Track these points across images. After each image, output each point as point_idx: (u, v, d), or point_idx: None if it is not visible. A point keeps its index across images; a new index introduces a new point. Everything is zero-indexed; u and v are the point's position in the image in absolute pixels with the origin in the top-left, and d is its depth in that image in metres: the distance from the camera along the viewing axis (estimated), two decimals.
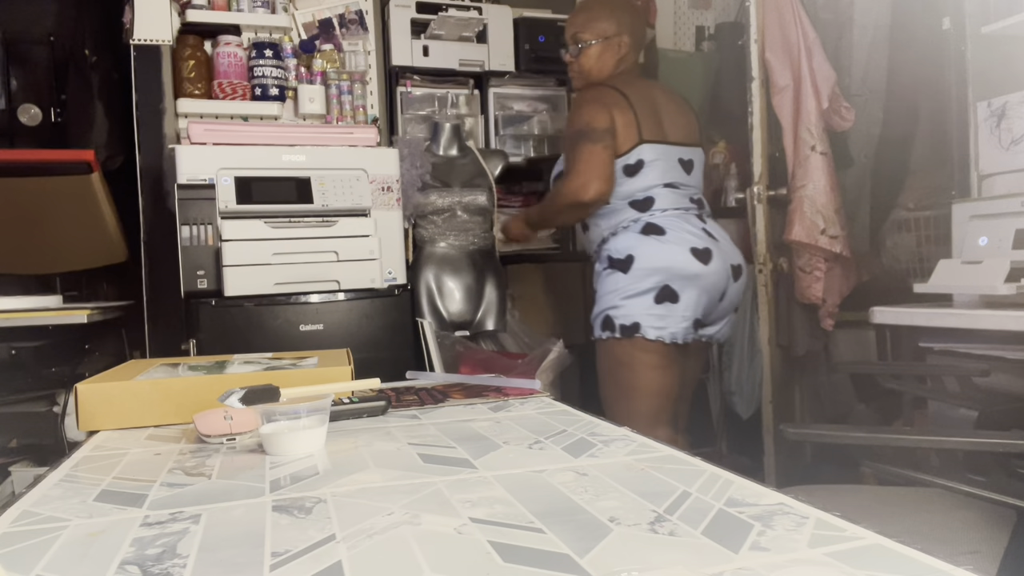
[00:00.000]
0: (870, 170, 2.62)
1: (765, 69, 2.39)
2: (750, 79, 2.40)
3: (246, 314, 2.00)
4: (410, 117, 2.85)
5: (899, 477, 1.22)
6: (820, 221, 2.30)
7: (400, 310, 2.16)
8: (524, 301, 2.93)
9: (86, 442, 0.89)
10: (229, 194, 2.02)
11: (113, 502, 0.62)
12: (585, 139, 1.85)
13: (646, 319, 1.81)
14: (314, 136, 2.19)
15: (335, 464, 0.71)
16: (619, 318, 1.83)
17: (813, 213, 2.30)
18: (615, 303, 1.84)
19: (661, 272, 1.81)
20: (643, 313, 1.81)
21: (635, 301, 1.82)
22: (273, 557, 0.48)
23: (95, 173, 2.19)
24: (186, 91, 2.41)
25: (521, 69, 3.05)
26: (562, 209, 1.94)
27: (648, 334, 1.81)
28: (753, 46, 2.40)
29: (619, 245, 1.88)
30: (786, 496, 0.56)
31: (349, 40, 2.64)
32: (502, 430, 0.83)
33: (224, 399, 0.85)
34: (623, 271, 1.84)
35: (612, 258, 1.88)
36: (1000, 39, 1.93)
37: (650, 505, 0.55)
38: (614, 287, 1.85)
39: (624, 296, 1.83)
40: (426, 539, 0.50)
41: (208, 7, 2.43)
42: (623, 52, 2.02)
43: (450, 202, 2.51)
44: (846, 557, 0.45)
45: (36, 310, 1.87)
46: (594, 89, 1.96)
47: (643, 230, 1.86)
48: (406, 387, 1.18)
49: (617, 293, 1.84)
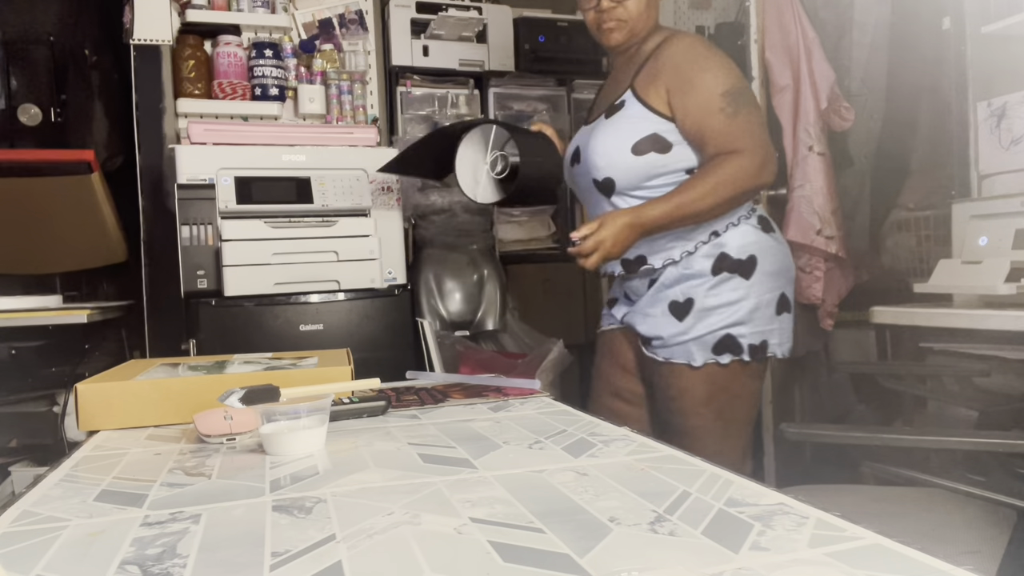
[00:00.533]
0: (870, 170, 2.62)
1: (765, 69, 2.39)
2: (750, 79, 2.40)
3: (246, 314, 2.00)
4: (410, 117, 2.85)
5: (899, 477, 1.22)
6: (816, 222, 2.30)
7: (400, 310, 2.16)
8: (524, 301, 2.93)
9: (86, 442, 0.89)
10: (229, 194, 2.02)
11: (113, 502, 0.62)
12: (746, 103, 1.44)
13: (772, 335, 1.49)
14: (314, 136, 2.19)
15: (335, 464, 0.71)
16: (747, 337, 1.46)
17: (810, 213, 2.30)
18: (741, 318, 1.46)
19: (780, 276, 1.52)
20: (770, 328, 1.49)
21: (761, 314, 1.49)
22: (273, 557, 0.48)
23: (95, 173, 2.19)
24: (186, 91, 2.41)
25: (521, 69, 3.05)
26: (735, 197, 1.43)
27: (776, 352, 1.50)
28: (753, 46, 2.40)
29: (740, 242, 1.48)
30: (786, 496, 0.56)
31: (349, 40, 2.64)
32: (502, 430, 0.83)
33: (224, 399, 0.85)
34: (745, 276, 1.47)
35: (732, 259, 1.47)
36: (1000, 39, 1.93)
37: (650, 505, 0.55)
38: (737, 297, 1.47)
39: (751, 309, 1.47)
40: (426, 539, 0.50)
41: (208, 7, 2.43)
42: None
43: (450, 202, 2.51)
44: (846, 557, 0.45)
45: (36, 310, 1.87)
46: (687, 37, 1.52)
47: (759, 224, 1.51)
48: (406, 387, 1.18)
49: (742, 305, 1.46)
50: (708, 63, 1.46)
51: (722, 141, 1.42)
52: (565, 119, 3.12)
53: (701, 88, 1.43)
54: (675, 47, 1.48)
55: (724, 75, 1.45)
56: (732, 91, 1.44)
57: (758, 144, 1.42)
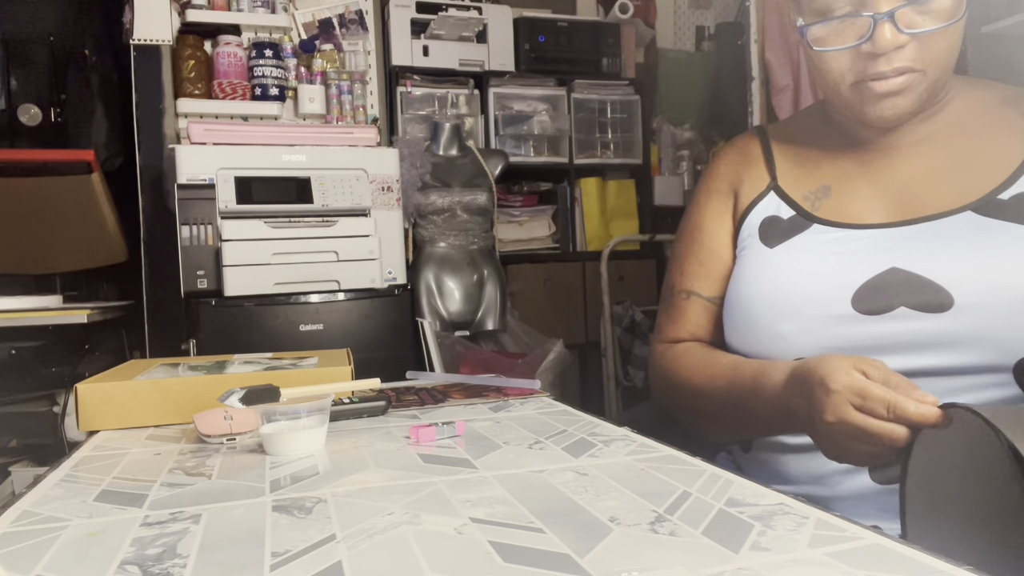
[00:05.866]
0: None
1: (765, 69, 2.39)
2: (750, 79, 2.40)
3: (246, 314, 2.00)
4: (410, 117, 2.85)
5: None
6: None
7: (400, 310, 2.16)
8: (524, 301, 2.93)
9: (86, 442, 0.89)
10: (229, 194, 2.02)
11: (113, 502, 0.62)
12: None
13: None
14: (314, 136, 2.19)
15: (335, 464, 0.71)
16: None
17: None
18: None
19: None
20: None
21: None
22: (273, 557, 0.48)
23: (95, 173, 2.19)
24: (186, 91, 2.41)
25: (521, 69, 3.05)
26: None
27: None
28: (753, 46, 2.40)
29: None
30: (786, 496, 0.56)
31: (349, 40, 2.64)
32: (502, 430, 0.83)
33: (224, 399, 0.85)
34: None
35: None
36: (1000, 39, 1.93)
37: (650, 505, 0.55)
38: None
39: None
40: (426, 539, 0.50)
41: (208, 7, 2.43)
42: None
43: (450, 202, 2.51)
44: (846, 557, 0.45)
45: (36, 310, 1.87)
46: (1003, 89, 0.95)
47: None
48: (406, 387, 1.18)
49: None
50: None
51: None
52: (565, 119, 3.12)
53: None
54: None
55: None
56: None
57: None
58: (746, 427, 0.89)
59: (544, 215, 3.18)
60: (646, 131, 3.30)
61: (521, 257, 3.04)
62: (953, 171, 0.86)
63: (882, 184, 0.89)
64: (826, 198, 0.91)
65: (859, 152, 0.92)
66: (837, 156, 0.94)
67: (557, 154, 3.11)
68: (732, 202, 1.00)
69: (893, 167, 0.89)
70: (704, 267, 1.00)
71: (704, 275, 1.00)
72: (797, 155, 0.98)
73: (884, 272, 0.81)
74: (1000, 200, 0.80)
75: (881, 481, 0.79)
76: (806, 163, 0.96)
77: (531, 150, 3.08)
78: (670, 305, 1.03)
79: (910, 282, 0.79)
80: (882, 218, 0.86)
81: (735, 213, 0.99)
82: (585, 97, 3.17)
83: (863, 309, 0.80)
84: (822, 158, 0.95)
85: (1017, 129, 0.86)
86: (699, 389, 0.93)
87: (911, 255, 0.80)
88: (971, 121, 0.89)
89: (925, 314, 0.77)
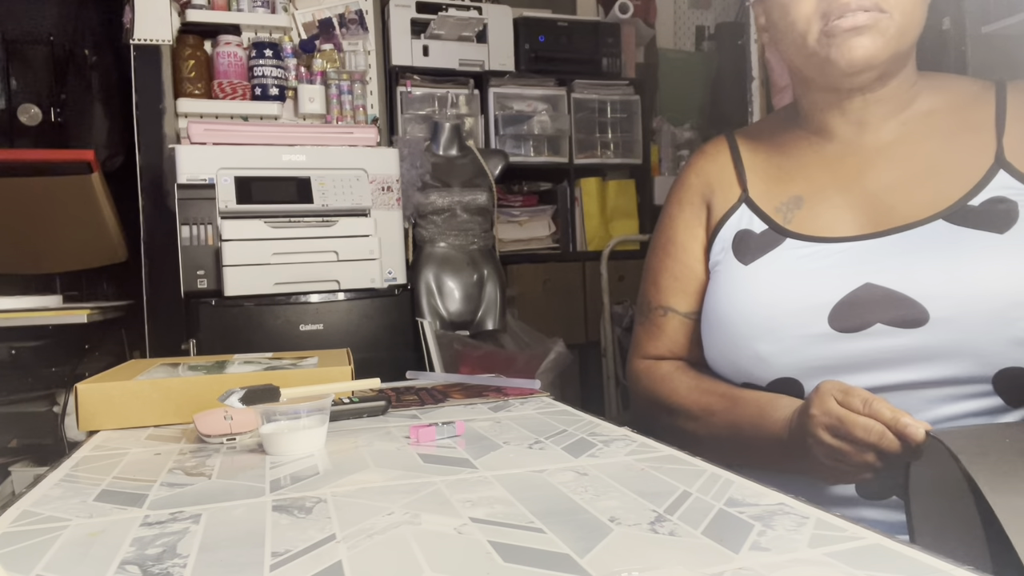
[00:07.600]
0: None
1: (765, 69, 2.39)
2: (750, 79, 2.40)
3: (246, 314, 2.00)
4: (410, 117, 2.85)
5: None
6: None
7: (400, 310, 2.16)
8: (524, 301, 2.93)
9: (86, 442, 0.89)
10: (229, 194, 2.02)
11: (113, 502, 0.62)
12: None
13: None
14: (314, 136, 2.19)
15: (335, 464, 0.71)
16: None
17: None
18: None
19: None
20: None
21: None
22: (273, 557, 0.48)
23: (95, 173, 2.19)
24: (186, 91, 2.41)
25: (521, 69, 3.05)
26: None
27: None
28: (753, 46, 2.40)
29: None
30: (786, 496, 0.56)
31: (349, 40, 2.64)
32: (502, 430, 0.83)
33: (224, 399, 0.85)
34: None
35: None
36: (1000, 39, 1.93)
37: (650, 505, 0.55)
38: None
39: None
40: (426, 539, 0.50)
41: (208, 7, 2.43)
42: None
43: (450, 202, 2.51)
44: (846, 557, 0.45)
45: (36, 310, 1.87)
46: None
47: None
48: (406, 387, 1.18)
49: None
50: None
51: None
52: (565, 119, 3.12)
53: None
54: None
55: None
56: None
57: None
58: (747, 458, 0.89)
59: (544, 215, 3.18)
60: (646, 131, 3.30)
61: (521, 257, 3.04)
62: (924, 176, 0.85)
63: (853, 193, 0.88)
64: (798, 209, 0.91)
65: (829, 158, 0.92)
66: (808, 163, 0.93)
67: (557, 154, 3.11)
68: (704, 213, 0.99)
69: (864, 173, 0.89)
70: (679, 282, 1.00)
71: (679, 290, 1.00)
72: (767, 162, 0.97)
73: (859, 288, 0.81)
74: (970, 207, 0.81)
75: (867, 496, 0.80)
76: (777, 172, 0.95)
77: (531, 150, 3.08)
78: (647, 321, 1.03)
79: (885, 298, 0.79)
80: (855, 229, 0.86)
81: (708, 225, 0.99)
82: (585, 97, 3.17)
83: (840, 327, 0.81)
84: (792, 166, 0.94)
85: (986, 127, 0.86)
86: (692, 414, 0.93)
87: (885, 271, 0.80)
88: (939, 121, 0.89)
89: (901, 329, 0.78)
